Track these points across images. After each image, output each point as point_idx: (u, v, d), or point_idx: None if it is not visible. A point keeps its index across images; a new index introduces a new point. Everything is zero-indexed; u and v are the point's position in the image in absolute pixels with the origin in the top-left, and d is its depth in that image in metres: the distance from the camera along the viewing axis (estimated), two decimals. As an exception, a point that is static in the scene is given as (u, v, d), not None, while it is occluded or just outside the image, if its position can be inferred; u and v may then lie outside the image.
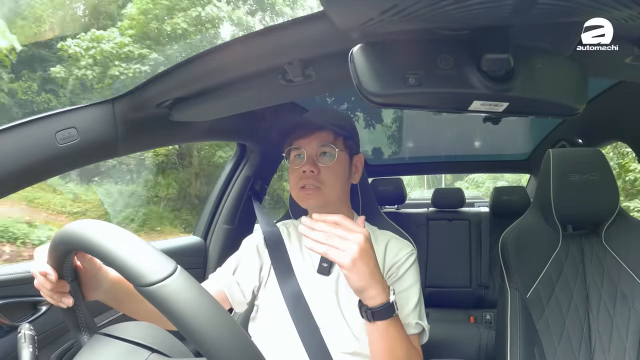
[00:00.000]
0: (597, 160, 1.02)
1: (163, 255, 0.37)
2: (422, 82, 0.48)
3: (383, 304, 0.62)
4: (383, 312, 0.62)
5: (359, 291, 0.62)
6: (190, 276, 0.37)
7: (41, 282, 0.52)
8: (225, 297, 0.81)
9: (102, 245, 0.38)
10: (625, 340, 0.93)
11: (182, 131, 1.01)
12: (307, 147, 0.81)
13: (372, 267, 0.61)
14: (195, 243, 1.39)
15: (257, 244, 0.88)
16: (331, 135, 0.82)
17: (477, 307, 2.10)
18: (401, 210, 2.42)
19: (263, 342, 0.79)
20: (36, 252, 0.55)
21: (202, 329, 0.34)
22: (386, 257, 0.81)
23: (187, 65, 0.72)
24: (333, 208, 0.81)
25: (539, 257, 1.03)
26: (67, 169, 0.82)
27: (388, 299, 0.62)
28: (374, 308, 0.62)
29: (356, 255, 0.59)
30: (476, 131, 2.06)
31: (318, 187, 0.79)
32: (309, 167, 0.79)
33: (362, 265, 0.60)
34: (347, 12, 0.47)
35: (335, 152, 0.81)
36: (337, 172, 0.82)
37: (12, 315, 0.80)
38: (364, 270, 0.60)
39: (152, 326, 0.50)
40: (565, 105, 0.55)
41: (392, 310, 0.62)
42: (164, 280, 0.35)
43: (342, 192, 0.85)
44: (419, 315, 0.77)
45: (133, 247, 0.37)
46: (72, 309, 0.54)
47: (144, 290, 0.35)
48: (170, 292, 0.34)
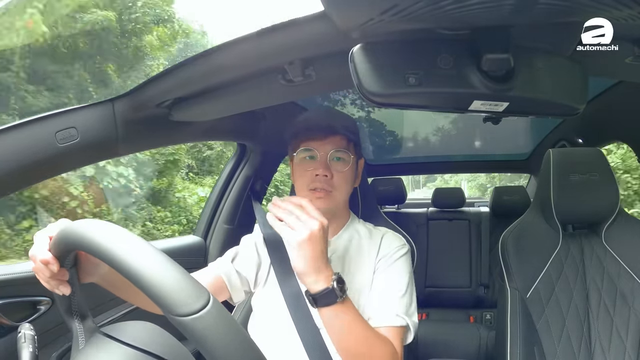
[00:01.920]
0: (597, 160, 1.02)
1: (197, 283, 0.36)
2: (422, 82, 0.48)
3: (323, 290, 0.63)
4: (324, 297, 0.63)
5: (300, 274, 0.64)
6: (222, 307, 0.36)
7: (40, 269, 0.51)
8: (223, 283, 0.81)
9: (133, 265, 0.36)
10: (625, 340, 0.93)
11: (182, 131, 1.01)
12: (321, 150, 0.80)
13: (317, 254, 0.63)
14: (195, 243, 1.39)
15: (255, 241, 0.89)
16: (345, 141, 0.82)
17: (477, 307, 2.10)
18: (401, 210, 2.42)
19: (263, 342, 0.79)
20: (37, 236, 0.53)
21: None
22: (380, 250, 0.83)
23: (187, 65, 0.72)
24: (337, 210, 0.82)
25: (539, 257, 1.03)
26: (67, 169, 0.83)
27: (329, 285, 0.63)
28: (315, 294, 0.63)
29: (305, 237, 0.61)
30: (476, 131, 2.06)
31: (329, 191, 0.79)
32: (324, 170, 0.79)
33: (308, 249, 0.62)
34: (348, 12, 0.47)
35: (349, 159, 0.81)
36: (348, 178, 0.82)
37: (12, 315, 0.80)
38: (307, 254, 0.62)
39: (154, 328, 0.50)
40: (565, 105, 0.55)
41: (333, 296, 0.63)
42: (199, 312, 0.34)
43: (347, 196, 0.86)
44: (406, 310, 0.76)
45: (168, 273, 0.36)
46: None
47: (178, 320, 0.34)
48: (205, 325, 0.34)
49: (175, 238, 1.80)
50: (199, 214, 1.53)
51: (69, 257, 0.51)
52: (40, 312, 0.84)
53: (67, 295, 0.52)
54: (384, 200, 2.30)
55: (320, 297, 0.63)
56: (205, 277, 0.81)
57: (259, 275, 0.85)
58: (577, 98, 0.55)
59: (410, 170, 2.88)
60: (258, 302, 0.85)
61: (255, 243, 0.88)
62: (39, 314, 0.84)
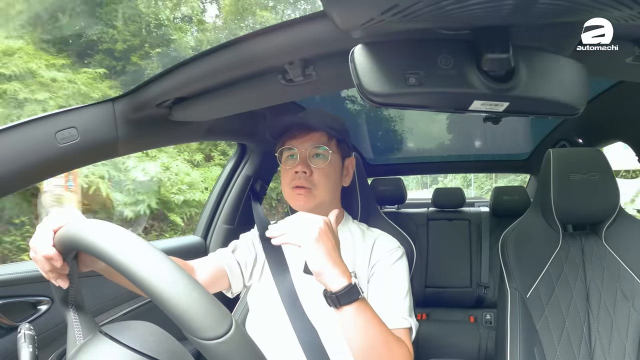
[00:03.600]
0: (598, 160, 1.02)
1: (221, 307, 0.36)
2: (423, 82, 0.48)
3: (346, 286, 0.61)
4: (347, 295, 0.61)
5: (318, 274, 0.61)
6: (245, 331, 0.36)
7: (40, 261, 0.49)
8: (225, 273, 0.83)
9: (157, 285, 0.35)
10: (625, 340, 0.93)
11: (182, 131, 1.01)
12: (300, 148, 0.81)
13: (330, 249, 0.62)
14: (195, 243, 1.39)
15: (252, 238, 0.91)
16: (325, 137, 0.83)
17: (477, 307, 2.10)
18: (401, 210, 2.42)
19: (260, 339, 0.79)
20: (40, 228, 0.51)
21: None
22: (372, 253, 0.82)
23: (187, 65, 0.72)
24: (323, 210, 0.82)
25: (539, 257, 1.03)
26: (67, 169, 0.82)
27: (350, 281, 0.61)
28: (338, 292, 0.61)
29: (315, 235, 0.61)
30: (476, 131, 2.06)
31: (309, 189, 0.80)
32: (302, 167, 0.80)
33: (321, 245, 0.61)
34: (348, 12, 0.47)
35: (328, 154, 0.82)
36: (329, 174, 0.82)
37: (12, 315, 0.80)
38: (322, 250, 0.61)
39: (155, 328, 0.49)
40: (565, 105, 0.55)
41: (356, 292, 0.61)
42: (223, 337, 0.34)
43: (333, 195, 0.85)
44: (409, 312, 0.76)
45: (194, 296, 0.35)
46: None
47: (203, 344, 0.34)
48: (229, 350, 0.34)
49: (175, 238, 1.80)
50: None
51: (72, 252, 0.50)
52: (40, 312, 0.84)
53: (65, 288, 0.51)
54: (384, 200, 2.30)
55: (342, 295, 0.61)
56: (206, 267, 0.82)
57: (254, 270, 0.87)
58: (577, 98, 0.55)
59: (411, 170, 2.88)
60: (254, 298, 0.86)
61: (252, 239, 0.91)
62: (39, 314, 0.84)
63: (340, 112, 1.67)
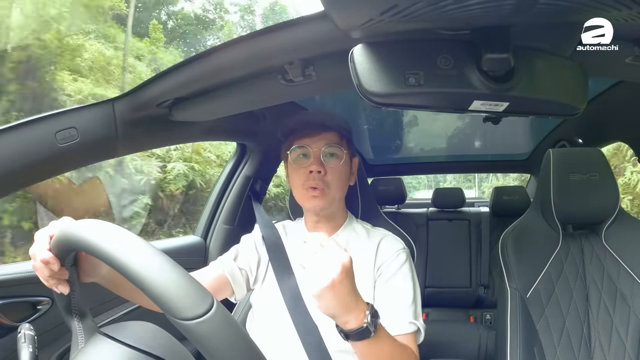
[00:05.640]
0: (598, 160, 1.02)
1: (201, 287, 0.36)
2: (422, 82, 0.48)
3: (357, 329, 0.56)
4: (357, 334, 0.57)
5: (332, 317, 0.57)
6: (226, 311, 0.36)
7: (40, 267, 0.50)
8: (227, 280, 0.82)
9: (136, 268, 0.36)
10: (625, 340, 0.93)
11: (182, 131, 1.01)
12: (314, 147, 0.80)
13: (343, 296, 0.55)
14: (195, 243, 1.39)
15: (255, 240, 0.90)
16: (337, 137, 0.82)
17: (477, 307, 2.10)
18: (401, 210, 2.42)
19: (262, 340, 0.79)
20: (37, 235, 0.53)
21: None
22: (378, 255, 0.81)
23: (187, 65, 0.72)
24: (332, 208, 0.81)
25: (539, 257, 1.03)
26: (67, 169, 0.83)
27: (361, 324, 0.56)
28: (348, 332, 0.57)
29: (326, 285, 0.53)
30: (476, 131, 2.06)
31: (324, 189, 0.79)
32: (317, 167, 0.79)
33: (331, 296, 0.54)
34: (348, 12, 0.47)
35: (342, 154, 0.81)
36: (342, 174, 0.82)
37: (12, 315, 0.80)
38: (332, 301, 0.54)
39: (154, 328, 0.49)
40: (565, 105, 0.55)
41: (367, 333, 0.57)
42: (203, 317, 0.34)
43: (343, 194, 0.85)
44: (414, 314, 0.75)
45: (172, 277, 0.36)
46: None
47: (182, 324, 0.34)
48: (209, 329, 0.34)
49: (175, 238, 1.80)
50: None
51: (69, 256, 0.51)
52: (40, 312, 0.84)
53: (67, 294, 0.52)
54: (384, 200, 2.30)
55: (352, 335, 0.57)
56: (208, 276, 0.81)
57: (258, 272, 0.86)
58: (577, 98, 0.55)
59: (411, 170, 2.88)
60: (257, 299, 0.85)
61: (254, 242, 0.89)
62: (39, 314, 0.84)
63: (340, 112, 1.67)
